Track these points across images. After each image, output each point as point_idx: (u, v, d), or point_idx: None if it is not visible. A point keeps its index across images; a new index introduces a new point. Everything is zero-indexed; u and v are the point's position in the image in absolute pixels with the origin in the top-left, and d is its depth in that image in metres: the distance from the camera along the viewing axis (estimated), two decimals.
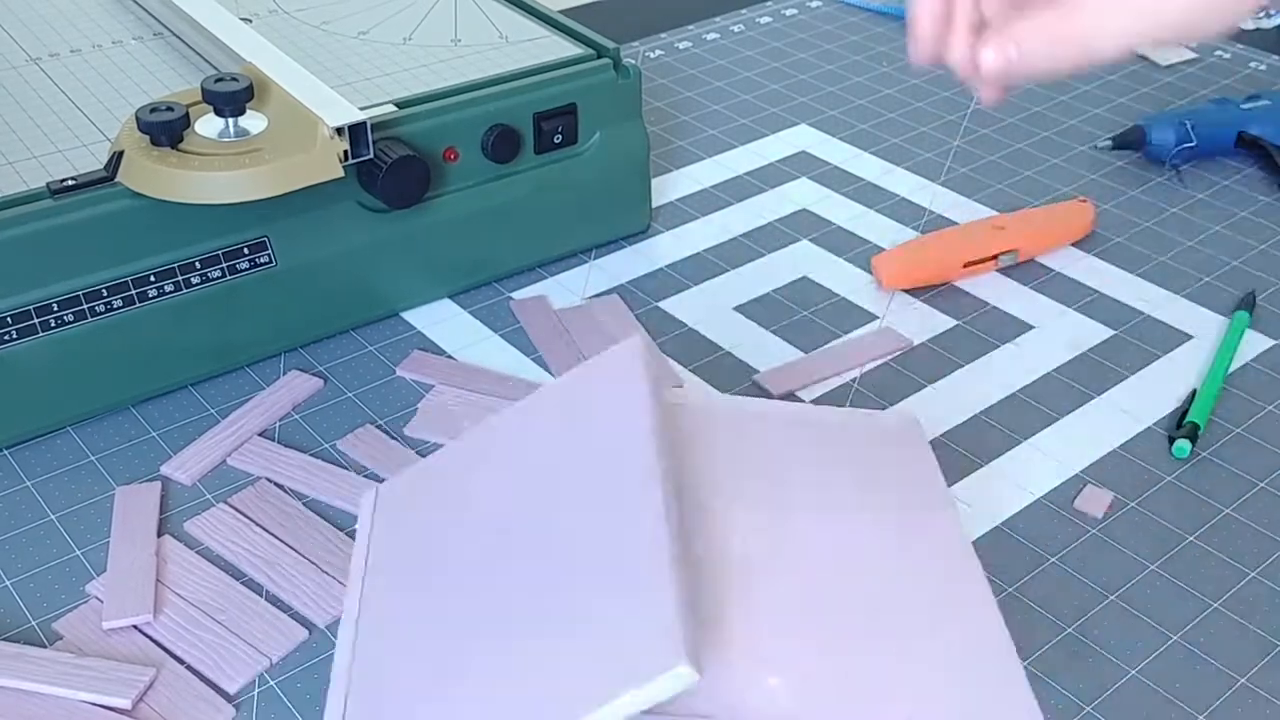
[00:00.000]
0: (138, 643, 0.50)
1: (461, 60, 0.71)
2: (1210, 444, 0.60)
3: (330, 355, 0.66)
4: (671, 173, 0.83)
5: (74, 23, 0.75)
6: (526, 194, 0.70)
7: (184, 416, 0.62)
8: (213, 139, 0.59)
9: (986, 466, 0.60)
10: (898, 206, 0.79)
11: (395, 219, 0.66)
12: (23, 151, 0.62)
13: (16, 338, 0.58)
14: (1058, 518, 0.57)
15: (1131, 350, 0.67)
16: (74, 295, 0.58)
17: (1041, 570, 0.54)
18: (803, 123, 0.89)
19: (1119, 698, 0.49)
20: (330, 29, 0.74)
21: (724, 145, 0.86)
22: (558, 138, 0.69)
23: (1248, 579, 0.54)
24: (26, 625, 0.51)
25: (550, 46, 0.72)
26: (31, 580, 0.53)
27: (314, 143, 0.59)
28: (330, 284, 0.65)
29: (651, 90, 0.92)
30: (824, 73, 0.95)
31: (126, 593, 0.52)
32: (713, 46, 0.99)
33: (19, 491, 0.58)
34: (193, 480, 0.58)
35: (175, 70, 0.70)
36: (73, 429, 0.61)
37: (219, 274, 0.62)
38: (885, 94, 0.92)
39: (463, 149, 0.67)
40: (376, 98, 0.66)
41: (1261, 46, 0.99)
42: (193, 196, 0.57)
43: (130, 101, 0.66)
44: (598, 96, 0.70)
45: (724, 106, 0.90)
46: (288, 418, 0.62)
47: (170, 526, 0.56)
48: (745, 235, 0.76)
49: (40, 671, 0.48)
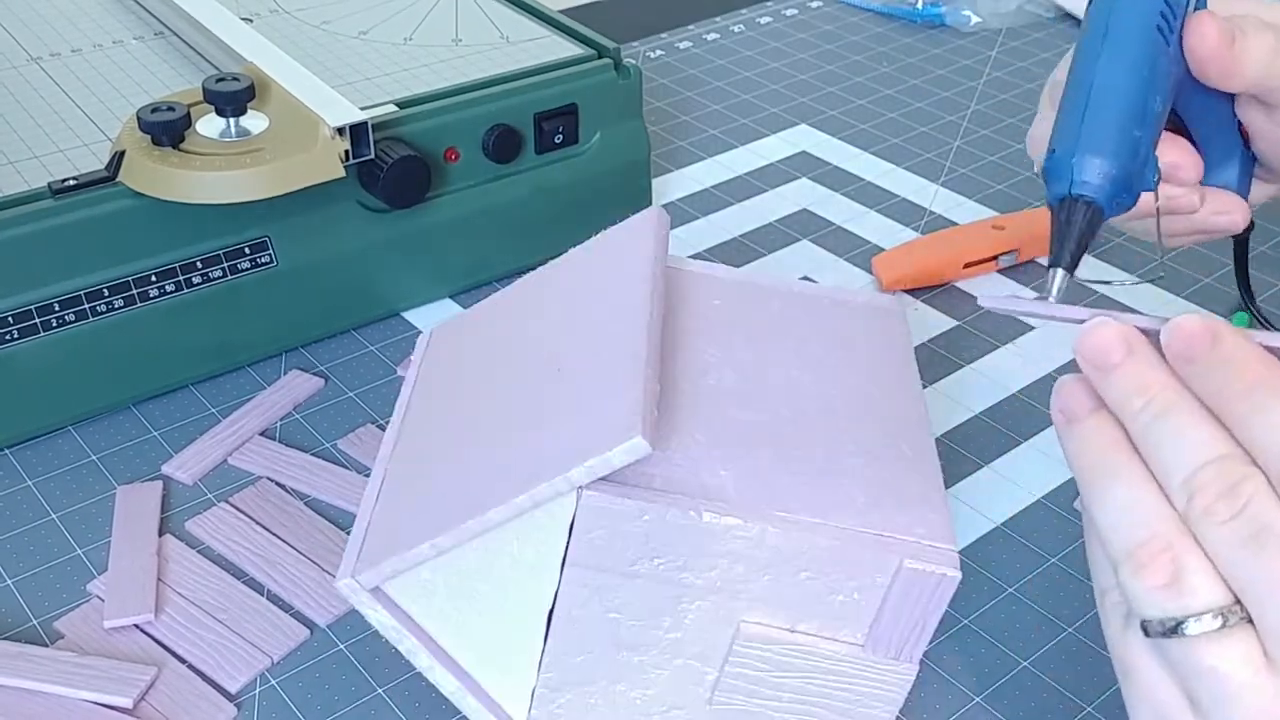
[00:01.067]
0: (139, 642, 0.50)
1: (462, 60, 0.71)
2: None
3: (331, 355, 0.66)
4: (672, 173, 0.83)
5: (75, 22, 0.75)
6: (527, 194, 0.70)
7: (185, 416, 0.62)
8: (214, 139, 0.59)
9: (987, 467, 0.60)
10: (898, 207, 0.79)
11: (396, 219, 0.66)
12: (24, 151, 0.62)
13: (17, 337, 0.58)
14: (1057, 518, 0.57)
15: None
16: (75, 295, 0.58)
17: (1041, 570, 0.54)
18: (803, 123, 0.89)
19: (1119, 698, 0.49)
20: (331, 29, 0.74)
21: (724, 145, 0.86)
22: (558, 138, 0.70)
23: None
24: (28, 624, 0.51)
25: (551, 46, 0.72)
26: (33, 579, 0.53)
27: (315, 143, 0.59)
28: (331, 284, 0.65)
29: (652, 90, 0.92)
30: (824, 73, 0.95)
31: (128, 592, 0.52)
32: (713, 46, 0.99)
33: (20, 491, 0.58)
34: (194, 480, 0.58)
35: (176, 70, 0.70)
36: (74, 428, 0.61)
37: (220, 274, 0.62)
38: (885, 94, 0.92)
39: (463, 149, 0.67)
40: (377, 98, 0.66)
41: None
42: (194, 196, 0.57)
43: (131, 101, 0.66)
44: (598, 96, 0.70)
45: (724, 106, 0.91)
46: (288, 417, 0.62)
47: (171, 526, 0.56)
48: (745, 235, 0.76)
49: (41, 670, 0.48)
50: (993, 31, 1.02)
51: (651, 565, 0.41)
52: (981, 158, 0.84)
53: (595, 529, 0.40)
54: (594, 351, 0.44)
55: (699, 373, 0.46)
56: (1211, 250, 0.75)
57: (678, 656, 0.43)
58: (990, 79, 0.94)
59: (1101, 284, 0.71)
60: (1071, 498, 0.58)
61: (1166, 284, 0.72)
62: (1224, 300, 0.71)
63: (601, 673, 0.43)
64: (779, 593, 0.41)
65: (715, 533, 0.40)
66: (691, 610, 0.42)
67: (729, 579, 0.41)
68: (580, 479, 0.39)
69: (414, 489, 0.45)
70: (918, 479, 0.43)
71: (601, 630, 0.42)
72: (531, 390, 0.45)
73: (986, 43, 1.00)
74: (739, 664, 0.43)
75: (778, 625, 0.42)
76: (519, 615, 0.43)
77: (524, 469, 0.41)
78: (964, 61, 0.97)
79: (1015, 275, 0.73)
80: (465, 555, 0.42)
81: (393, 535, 0.43)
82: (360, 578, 0.42)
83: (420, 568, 0.42)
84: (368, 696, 0.49)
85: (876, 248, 0.75)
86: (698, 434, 0.43)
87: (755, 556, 0.41)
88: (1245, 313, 0.68)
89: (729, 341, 0.48)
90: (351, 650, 0.50)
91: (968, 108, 0.90)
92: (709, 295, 0.50)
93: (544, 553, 0.41)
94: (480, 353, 0.50)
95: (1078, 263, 0.42)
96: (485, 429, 0.45)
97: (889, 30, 1.02)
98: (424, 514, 0.43)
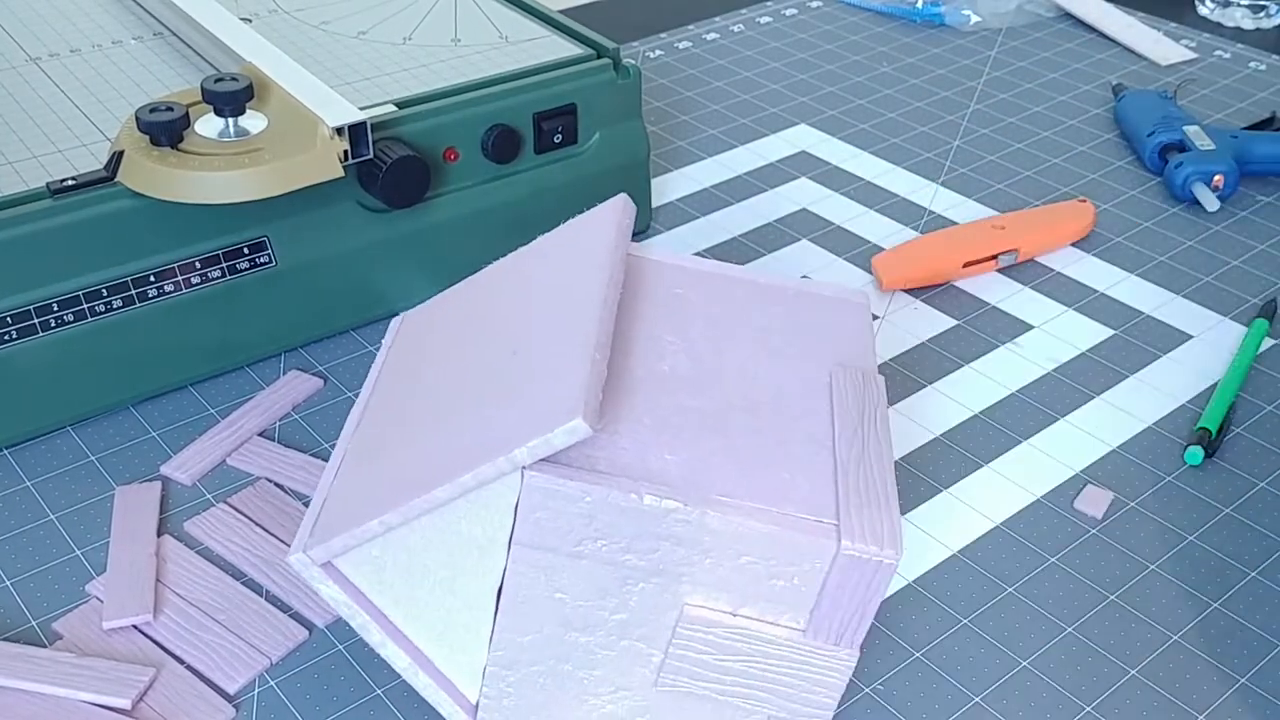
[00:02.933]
0: (138, 643, 0.50)
1: (461, 60, 0.71)
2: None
3: (330, 355, 0.66)
4: (671, 173, 0.83)
5: (74, 22, 0.75)
6: (527, 194, 0.70)
7: (184, 416, 0.62)
8: (213, 139, 0.59)
9: (986, 467, 0.60)
10: (897, 206, 0.79)
11: (395, 219, 0.66)
12: (22, 151, 0.62)
13: (16, 338, 0.58)
14: (1058, 518, 0.57)
15: (1131, 350, 0.67)
16: (74, 295, 0.58)
17: (1041, 570, 0.54)
18: (803, 123, 0.89)
19: (1119, 698, 0.49)
20: (330, 29, 0.74)
21: (724, 145, 0.86)
22: (558, 138, 0.70)
23: (1248, 579, 0.54)
24: (26, 625, 0.51)
25: (550, 46, 0.72)
26: (31, 580, 0.53)
27: (314, 143, 0.59)
28: (330, 284, 0.65)
29: (651, 90, 0.92)
30: (824, 73, 0.95)
31: (126, 593, 0.52)
32: (713, 46, 0.99)
33: (19, 491, 0.58)
34: (193, 480, 0.58)
35: (175, 70, 0.70)
36: (73, 429, 0.61)
37: (219, 274, 0.62)
38: (885, 94, 0.92)
39: (463, 149, 0.67)
40: (376, 98, 0.66)
41: (1261, 46, 0.99)
42: (193, 196, 0.57)
43: (130, 101, 0.66)
44: (598, 96, 0.70)
45: (724, 106, 0.91)
46: (288, 418, 0.62)
47: (170, 526, 0.56)
48: (745, 235, 0.76)
49: (40, 671, 0.48)
50: (993, 31, 1.02)
51: (595, 546, 0.42)
52: (981, 157, 0.84)
53: (539, 509, 0.41)
54: (547, 335, 0.45)
55: (655, 359, 0.47)
56: (1212, 250, 0.75)
57: (624, 638, 0.44)
58: (990, 79, 0.94)
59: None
60: (1071, 497, 0.58)
61: (1167, 284, 0.72)
62: (1225, 300, 0.71)
63: (550, 652, 0.44)
64: (721, 577, 0.42)
65: (656, 515, 0.41)
66: (636, 592, 0.43)
67: (671, 562, 0.42)
68: (523, 459, 0.40)
69: (369, 467, 0.46)
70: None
71: (549, 610, 0.43)
72: (487, 372, 0.46)
73: (986, 43, 1.00)
74: (682, 646, 0.43)
75: (720, 609, 0.43)
76: (469, 594, 0.44)
77: (470, 449, 0.42)
78: (964, 61, 0.97)
79: (1015, 275, 0.73)
80: (414, 533, 0.43)
81: (345, 512, 0.44)
82: (311, 553, 0.43)
83: (370, 544, 0.43)
84: (367, 697, 0.49)
85: (876, 247, 0.75)
86: (646, 419, 0.44)
87: (696, 540, 0.41)
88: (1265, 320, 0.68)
89: (688, 330, 0.49)
90: (350, 651, 0.50)
91: (967, 108, 0.90)
92: (674, 284, 0.51)
93: (491, 532, 0.42)
94: (445, 336, 0.51)
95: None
96: (440, 410, 0.46)
97: (889, 30, 1.02)
98: (376, 491, 0.44)
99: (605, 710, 0.45)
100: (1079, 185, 0.81)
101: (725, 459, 0.43)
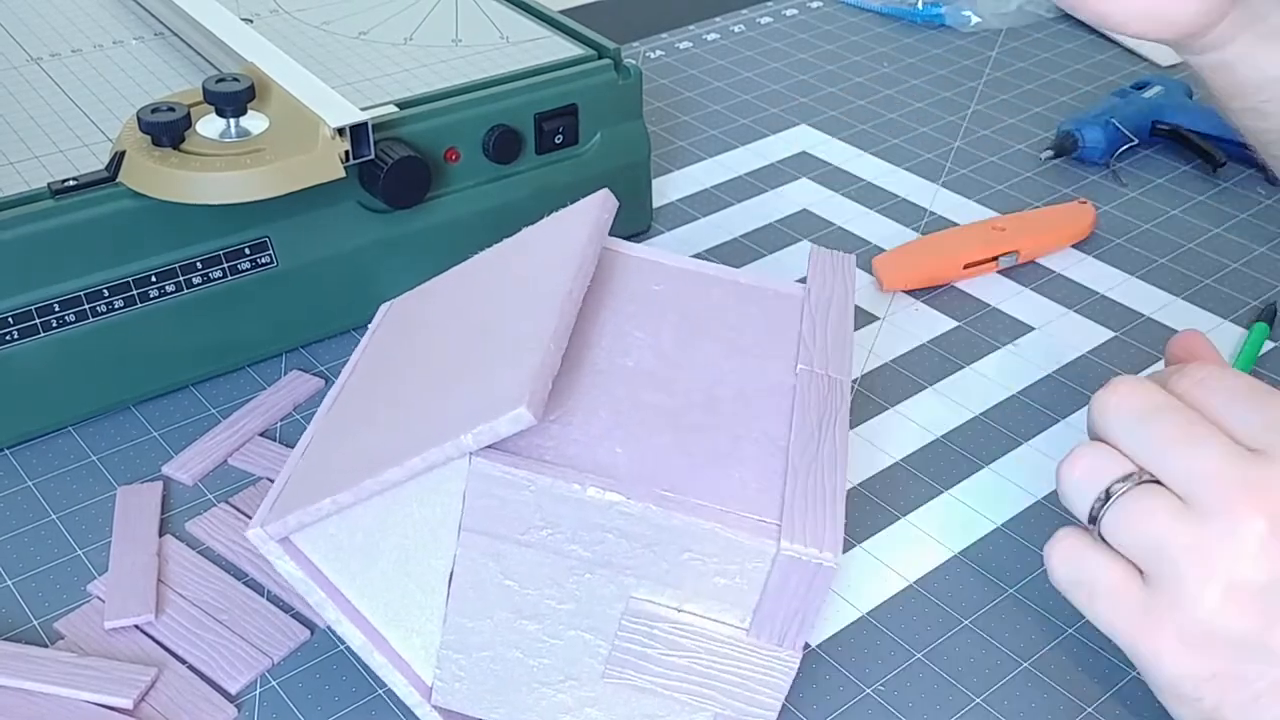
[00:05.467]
0: (139, 642, 0.50)
1: (462, 60, 0.71)
2: None
3: (331, 355, 0.66)
4: (672, 173, 0.83)
5: (75, 22, 0.75)
6: (527, 194, 0.70)
7: (185, 416, 0.62)
8: (214, 139, 0.59)
9: (987, 468, 0.60)
10: (898, 207, 0.79)
11: (396, 219, 0.66)
12: (24, 151, 0.62)
13: (18, 338, 0.58)
14: (1058, 518, 0.57)
15: (1132, 352, 0.67)
16: (75, 295, 0.58)
17: (1042, 571, 0.54)
18: (803, 123, 0.89)
19: (1119, 698, 0.49)
20: (331, 29, 0.74)
21: (724, 145, 0.86)
22: (559, 138, 0.70)
23: None
24: (28, 625, 0.51)
25: (551, 47, 0.72)
26: (33, 580, 0.53)
27: (315, 143, 0.59)
28: (331, 284, 0.65)
29: (652, 90, 0.92)
30: (824, 73, 0.95)
31: (128, 592, 0.52)
32: (713, 47, 0.99)
33: (20, 491, 0.58)
34: (194, 480, 0.58)
35: (176, 70, 0.70)
36: (74, 429, 0.61)
37: (220, 274, 0.62)
38: (886, 94, 0.92)
39: (464, 149, 0.67)
40: (377, 98, 0.66)
41: None
42: (194, 197, 0.57)
43: (131, 101, 0.66)
44: (598, 97, 0.70)
45: (724, 107, 0.91)
46: (289, 418, 0.62)
47: (171, 526, 0.56)
48: (745, 235, 0.76)
49: (42, 671, 0.48)
50: (993, 31, 1.02)
51: (542, 535, 0.42)
52: (981, 158, 0.84)
53: (486, 496, 0.41)
54: (510, 325, 0.46)
55: (620, 353, 0.47)
56: (1212, 252, 0.75)
57: (571, 628, 0.44)
58: (990, 79, 0.94)
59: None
60: None
61: (1167, 286, 0.72)
62: (1226, 303, 0.71)
63: (500, 639, 0.44)
64: (665, 571, 0.42)
65: (600, 507, 0.41)
66: (582, 582, 0.43)
67: (615, 554, 0.42)
68: (470, 445, 0.40)
69: (333, 447, 0.47)
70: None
71: (499, 597, 0.43)
72: (450, 359, 0.47)
73: (986, 43, 1.00)
74: (627, 639, 0.44)
75: (665, 603, 0.43)
76: (422, 577, 0.44)
77: (423, 433, 0.42)
78: (964, 61, 0.97)
79: (1016, 276, 0.73)
80: (367, 513, 0.43)
81: (304, 490, 0.45)
82: (268, 528, 0.44)
83: (326, 522, 0.44)
84: (368, 697, 0.49)
85: (877, 248, 0.75)
86: (603, 411, 0.44)
87: (639, 534, 0.41)
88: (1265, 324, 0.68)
89: (658, 326, 0.49)
90: (352, 651, 0.50)
91: (968, 108, 0.90)
92: (652, 281, 0.52)
93: (441, 516, 0.43)
94: (422, 323, 0.52)
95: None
96: (404, 394, 0.47)
97: (889, 30, 1.02)
98: (335, 471, 0.44)
99: (555, 700, 0.45)
100: (1079, 187, 0.81)
101: (676, 455, 0.43)
